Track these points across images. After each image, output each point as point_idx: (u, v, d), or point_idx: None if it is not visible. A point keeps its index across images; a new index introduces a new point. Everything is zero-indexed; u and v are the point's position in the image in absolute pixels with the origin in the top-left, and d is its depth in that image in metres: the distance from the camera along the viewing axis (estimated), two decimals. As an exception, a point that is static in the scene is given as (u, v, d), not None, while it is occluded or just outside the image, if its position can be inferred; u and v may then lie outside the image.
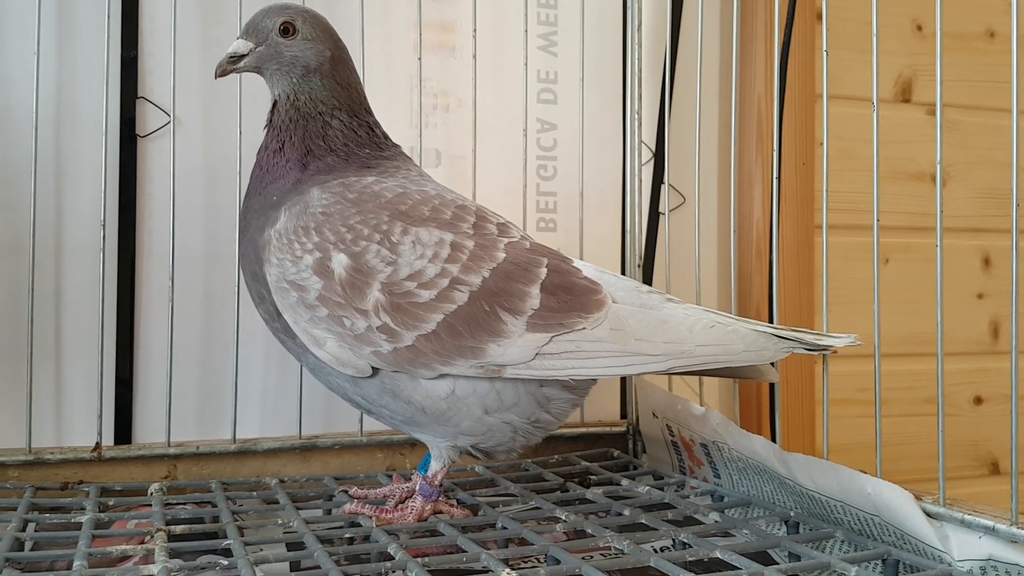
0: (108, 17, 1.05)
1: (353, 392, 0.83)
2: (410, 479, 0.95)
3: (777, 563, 0.80)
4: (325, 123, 0.87)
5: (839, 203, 0.97)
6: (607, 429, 1.23)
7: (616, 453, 1.19)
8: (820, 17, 1.37)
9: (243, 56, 0.87)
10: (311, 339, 0.80)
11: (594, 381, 0.85)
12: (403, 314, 0.78)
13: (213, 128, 1.13)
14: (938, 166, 0.78)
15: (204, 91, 1.13)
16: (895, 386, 1.45)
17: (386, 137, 0.92)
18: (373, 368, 0.80)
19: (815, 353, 0.82)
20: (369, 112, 0.91)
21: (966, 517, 0.74)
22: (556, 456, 1.16)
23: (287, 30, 0.87)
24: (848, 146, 1.32)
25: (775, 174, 1.00)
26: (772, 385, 1.31)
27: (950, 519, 0.75)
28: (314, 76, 0.87)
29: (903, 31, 1.48)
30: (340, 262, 0.79)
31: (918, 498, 0.76)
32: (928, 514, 0.75)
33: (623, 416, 1.28)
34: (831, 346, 0.81)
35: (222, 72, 0.88)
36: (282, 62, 0.87)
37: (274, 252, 0.81)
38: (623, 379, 1.27)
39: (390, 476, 1.03)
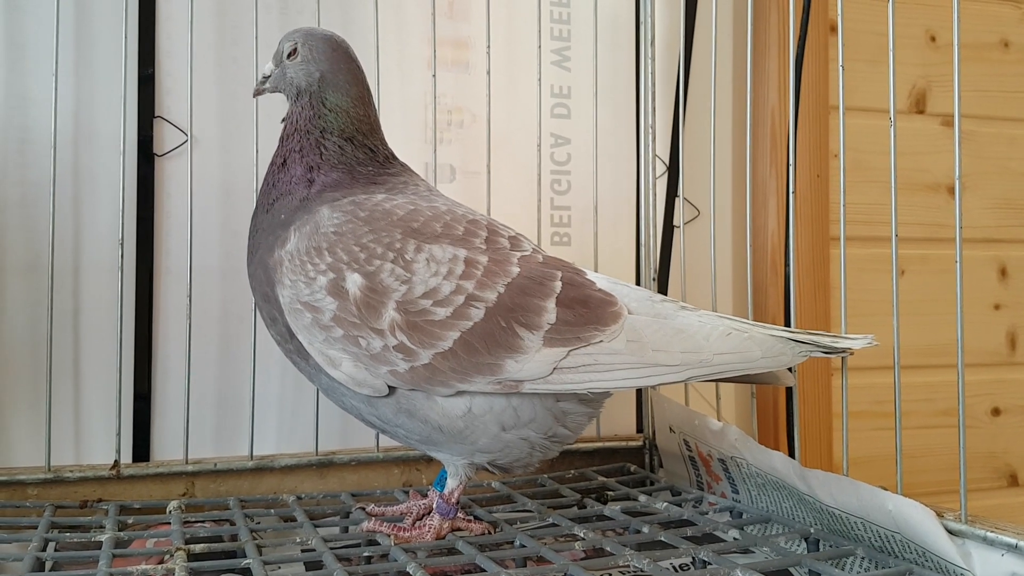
0: (125, 38, 1.06)
1: (368, 412, 0.83)
2: (427, 496, 0.95)
3: (798, 581, 0.80)
4: (318, 142, 0.88)
5: (854, 215, 0.97)
6: (623, 443, 1.23)
7: (633, 468, 1.19)
8: (833, 29, 1.38)
9: (267, 77, 0.92)
10: (326, 360, 0.80)
11: (609, 393, 0.85)
12: (419, 332, 0.78)
13: (230, 147, 1.14)
14: (957, 181, 0.77)
15: (221, 110, 1.14)
16: (912, 398, 1.44)
17: (387, 159, 0.90)
18: (389, 387, 0.80)
19: (832, 356, 0.82)
20: (367, 134, 0.89)
21: (988, 534, 0.73)
22: (572, 471, 1.16)
23: (290, 52, 0.90)
24: (862, 158, 1.32)
25: (790, 187, 0.99)
26: (789, 399, 1.31)
27: (972, 536, 0.74)
28: (304, 97, 0.89)
29: (917, 42, 1.48)
30: (354, 282, 0.79)
31: (940, 515, 0.76)
32: (950, 531, 0.74)
33: (639, 430, 1.27)
34: (849, 348, 0.81)
35: (254, 92, 0.94)
36: (285, 83, 0.90)
37: (286, 273, 0.81)
38: (639, 393, 1.27)
39: (407, 492, 1.03)
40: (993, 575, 0.72)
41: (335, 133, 0.88)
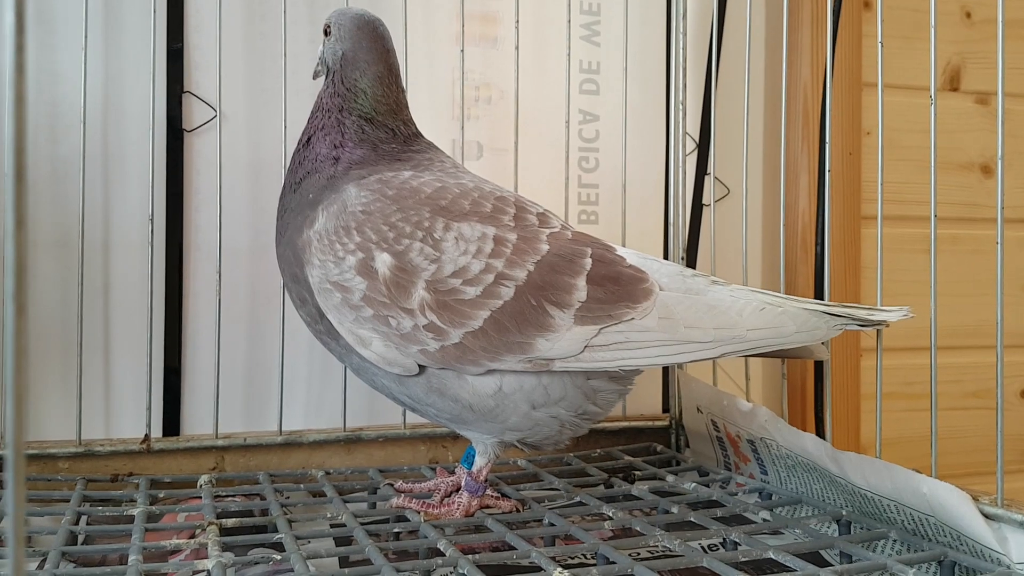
0: (154, 12, 1.05)
1: (399, 391, 0.83)
2: (454, 472, 0.95)
3: (831, 564, 0.79)
4: (339, 120, 0.88)
5: (886, 193, 0.95)
6: (649, 423, 1.22)
7: (659, 447, 1.19)
8: (867, 5, 1.35)
9: (320, 60, 0.93)
10: (357, 339, 0.80)
11: (640, 371, 0.84)
12: (450, 312, 0.77)
13: (259, 123, 1.14)
14: (1000, 161, 0.76)
15: (250, 85, 1.13)
16: (941, 379, 1.41)
17: (408, 139, 0.89)
18: (419, 367, 0.79)
19: (867, 328, 0.80)
20: (387, 114, 0.88)
21: (1025, 519, 0.72)
22: (599, 450, 1.15)
23: (325, 31, 0.91)
24: (894, 135, 1.30)
25: (825, 165, 0.98)
26: (819, 380, 1.30)
27: (1008, 520, 0.73)
28: (330, 75, 0.90)
29: (951, 18, 1.45)
30: (384, 261, 0.78)
31: (975, 499, 0.75)
32: (985, 515, 0.74)
33: (665, 410, 1.27)
34: (884, 320, 0.79)
35: (313, 75, 0.94)
36: (321, 61, 0.92)
37: (315, 253, 0.81)
38: (665, 372, 1.26)
39: (433, 469, 1.03)
40: (1029, 560, 0.71)
41: (354, 112, 0.88)
